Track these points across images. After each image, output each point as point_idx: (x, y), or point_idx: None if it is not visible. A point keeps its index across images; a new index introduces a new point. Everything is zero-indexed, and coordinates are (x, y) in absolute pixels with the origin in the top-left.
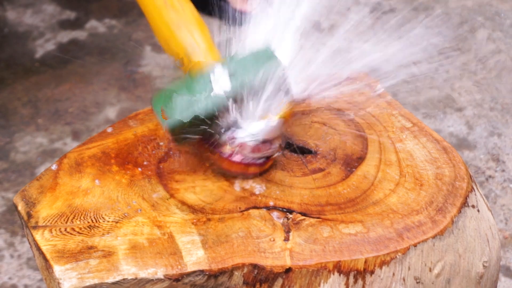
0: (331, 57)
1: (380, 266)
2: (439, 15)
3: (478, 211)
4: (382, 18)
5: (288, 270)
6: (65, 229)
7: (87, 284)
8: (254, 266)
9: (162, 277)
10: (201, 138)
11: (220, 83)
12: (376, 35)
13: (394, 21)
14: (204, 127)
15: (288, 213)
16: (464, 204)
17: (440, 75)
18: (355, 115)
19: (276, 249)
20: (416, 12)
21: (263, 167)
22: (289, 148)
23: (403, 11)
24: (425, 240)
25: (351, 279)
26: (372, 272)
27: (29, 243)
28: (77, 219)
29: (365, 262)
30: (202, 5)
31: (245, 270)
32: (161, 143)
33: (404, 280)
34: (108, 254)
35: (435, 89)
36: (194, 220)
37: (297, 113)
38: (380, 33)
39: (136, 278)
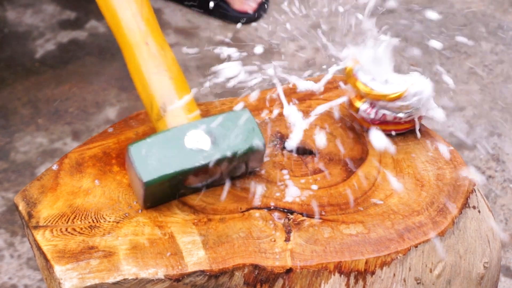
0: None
1: (381, 267)
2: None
3: (479, 212)
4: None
5: (289, 271)
6: (66, 229)
7: (88, 284)
8: (255, 266)
9: (163, 277)
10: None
11: (199, 143)
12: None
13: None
14: (179, 189)
15: (289, 214)
16: (465, 205)
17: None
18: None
19: (277, 249)
20: (412, 13)
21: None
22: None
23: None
24: (426, 241)
25: (352, 280)
26: (372, 273)
27: (30, 243)
28: (78, 219)
29: (366, 262)
30: (202, 5)
31: (246, 270)
32: None
33: (404, 280)
34: (109, 254)
35: (439, 93)
36: (195, 221)
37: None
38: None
39: (136, 278)
